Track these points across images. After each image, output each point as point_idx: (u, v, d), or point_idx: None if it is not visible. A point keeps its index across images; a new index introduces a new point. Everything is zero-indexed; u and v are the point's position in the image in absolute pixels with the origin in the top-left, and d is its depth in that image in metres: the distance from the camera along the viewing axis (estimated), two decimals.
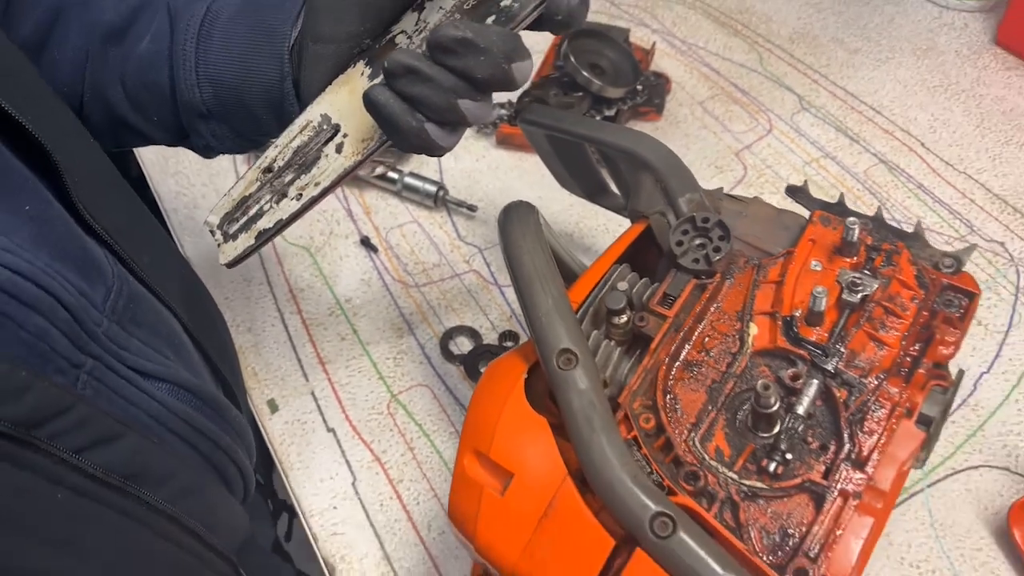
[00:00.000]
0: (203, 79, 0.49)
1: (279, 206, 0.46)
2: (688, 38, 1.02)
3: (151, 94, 0.51)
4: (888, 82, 0.96)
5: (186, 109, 0.50)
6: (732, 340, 0.51)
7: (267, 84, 0.48)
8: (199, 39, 0.48)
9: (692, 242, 0.52)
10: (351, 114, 0.46)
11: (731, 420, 0.49)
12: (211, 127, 0.51)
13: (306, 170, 0.46)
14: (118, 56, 0.51)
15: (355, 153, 0.45)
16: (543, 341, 0.49)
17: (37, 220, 0.44)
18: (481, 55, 0.40)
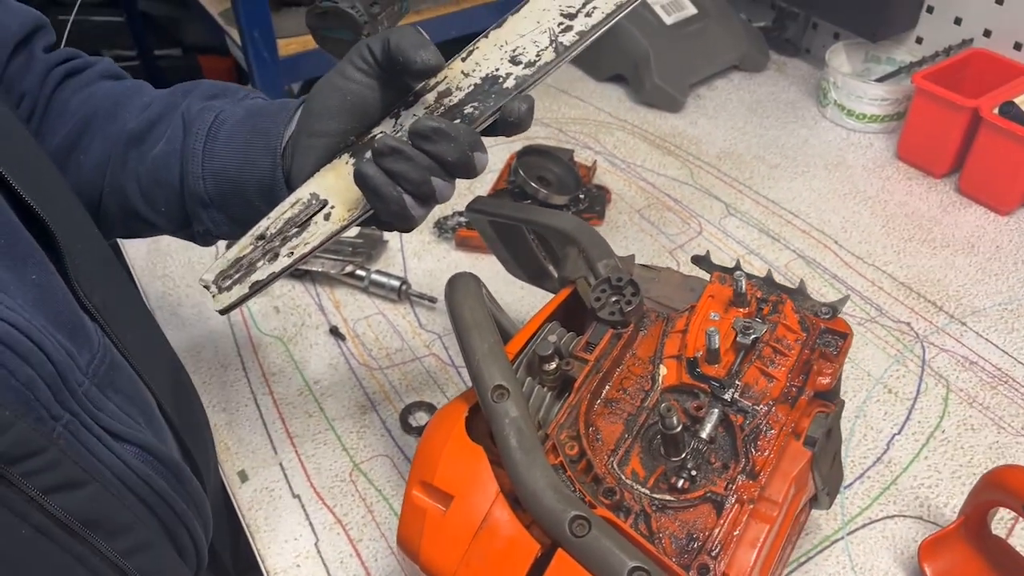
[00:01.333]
0: (207, 173, 0.59)
1: (272, 263, 0.54)
2: (627, 158, 1.15)
3: (162, 189, 0.61)
4: (804, 191, 1.08)
5: (191, 199, 0.60)
6: (645, 380, 0.59)
7: (261, 174, 0.57)
8: (207, 140, 0.58)
9: (609, 298, 0.61)
10: (337, 192, 0.55)
11: (646, 447, 0.56)
12: (211, 215, 0.60)
13: (297, 235, 0.55)
14: (136, 158, 0.61)
15: (341, 220, 0.54)
16: (479, 380, 0.56)
17: (40, 287, 0.51)
18: (451, 142, 0.51)
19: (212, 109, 0.60)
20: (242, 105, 0.60)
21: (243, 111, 0.60)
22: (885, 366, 0.84)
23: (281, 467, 0.77)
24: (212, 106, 0.60)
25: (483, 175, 1.12)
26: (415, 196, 0.52)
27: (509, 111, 0.52)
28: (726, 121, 1.22)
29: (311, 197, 0.55)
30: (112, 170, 0.62)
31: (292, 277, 0.96)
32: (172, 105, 0.61)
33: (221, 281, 0.55)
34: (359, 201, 0.54)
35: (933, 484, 0.74)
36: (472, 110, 0.54)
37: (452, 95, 0.55)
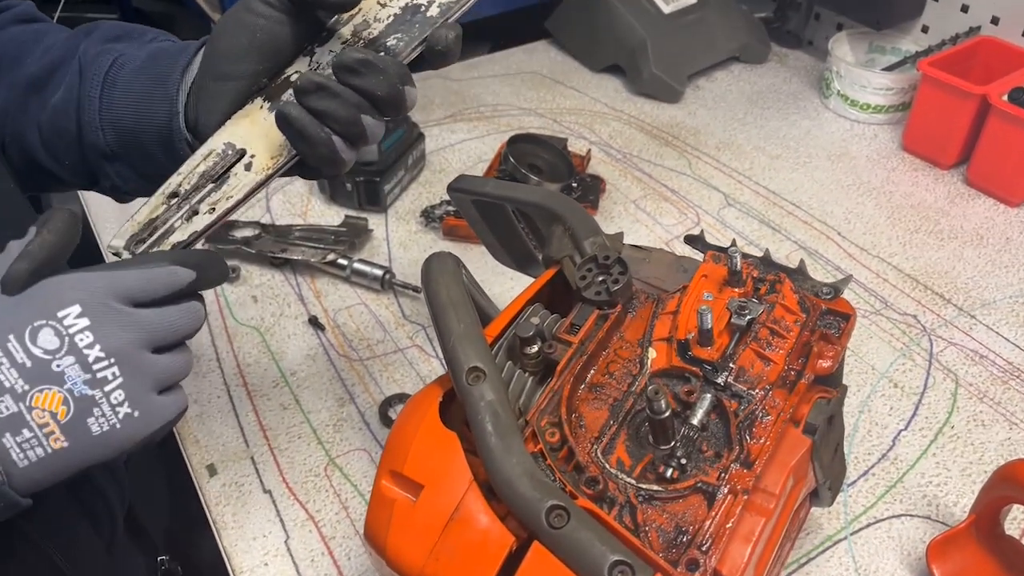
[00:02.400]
0: (105, 122, 0.55)
1: (192, 221, 0.50)
2: (623, 148, 1.11)
3: (62, 139, 0.57)
4: (806, 182, 1.04)
5: (91, 151, 0.56)
6: (633, 363, 0.55)
7: (159, 124, 0.54)
8: (103, 87, 0.55)
9: (595, 278, 0.57)
10: (256, 139, 0.51)
11: (633, 435, 0.52)
12: (115, 168, 0.57)
13: (216, 189, 0.51)
14: (36, 106, 0.57)
15: (265, 168, 0.50)
16: (454, 362, 0.52)
17: None
18: (380, 75, 0.47)
19: (111, 52, 0.56)
20: (145, 49, 0.56)
21: (145, 55, 0.56)
22: (891, 360, 0.80)
23: (252, 461, 0.73)
24: (111, 49, 0.56)
25: (473, 164, 1.08)
26: (344, 136, 0.49)
27: (436, 39, 0.49)
28: (726, 112, 1.19)
29: (226, 147, 0.51)
30: (13, 118, 0.58)
31: (271, 266, 0.92)
32: (72, 48, 0.57)
33: (134, 247, 0.50)
34: (283, 147, 0.50)
35: (942, 482, 0.70)
36: (396, 42, 0.50)
37: (370, 27, 0.51)
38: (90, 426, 0.42)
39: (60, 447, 0.41)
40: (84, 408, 0.41)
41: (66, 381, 0.41)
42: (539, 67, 1.30)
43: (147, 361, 0.43)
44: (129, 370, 0.42)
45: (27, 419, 0.40)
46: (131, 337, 0.42)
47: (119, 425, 0.42)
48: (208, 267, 0.47)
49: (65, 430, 0.41)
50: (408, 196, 1.03)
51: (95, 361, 0.41)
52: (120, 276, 0.43)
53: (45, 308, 0.41)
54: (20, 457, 0.40)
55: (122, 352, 0.42)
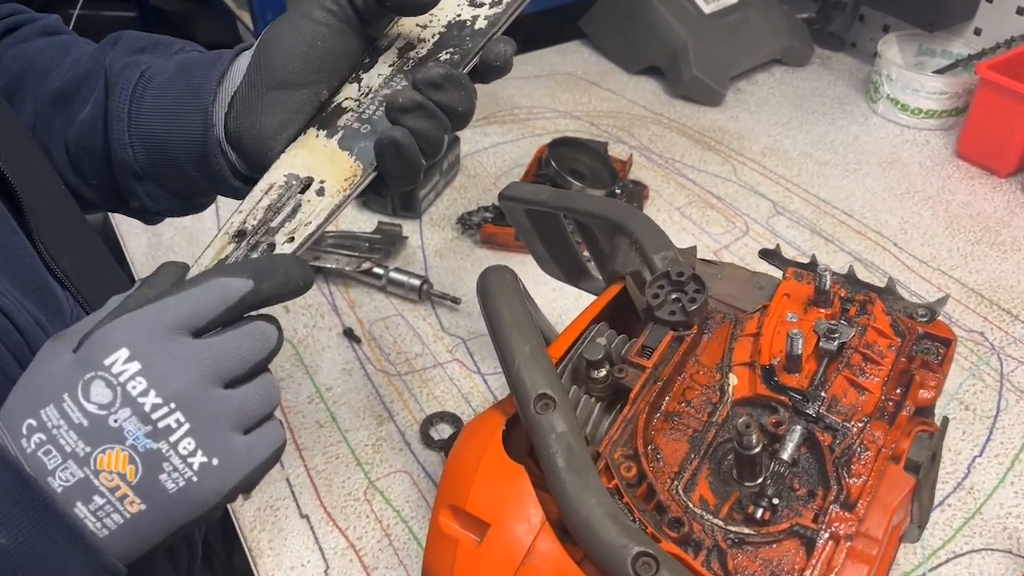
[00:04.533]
0: (135, 138, 0.51)
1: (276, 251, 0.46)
2: (665, 153, 1.07)
3: (89, 158, 0.53)
4: (857, 190, 1.00)
5: (121, 170, 0.52)
6: (712, 391, 0.51)
7: (192, 137, 0.50)
8: (131, 101, 0.51)
9: (668, 296, 0.53)
10: (320, 166, 0.47)
11: (715, 469, 0.47)
12: (146, 188, 0.53)
13: (289, 219, 0.47)
14: (62, 122, 0.54)
15: (341, 191, 0.46)
16: (520, 388, 0.48)
17: (2, 248, 0.45)
18: (462, 90, 0.44)
19: (137, 65, 0.52)
20: (173, 60, 0.52)
21: (174, 66, 0.52)
22: (960, 380, 0.76)
23: (288, 483, 0.69)
24: (137, 61, 0.52)
25: (508, 169, 1.04)
26: (427, 155, 0.46)
27: (493, 55, 0.47)
28: (769, 116, 1.14)
29: (288, 178, 0.47)
30: (40, 134, 0.54)
31: None
32: (99, 61, 0.53)
33: None
34: (355, 169, 0.47)
35: (1022, 512, 0.65)
36: (449, 57, 0.47)
37: (416, 48, 0.49)
38: (164, 484, 0.36)
39: (138, 511, 0.36)
40: (152, 464, 0.36)
41: (127, 437, 0.36)
42: (573, 68, 1.26)
43: (216, 399, 0.38)
44: (196, 413, 0.37)
45: (95, 484, 0.35)
46: (191, 375, 0.37)
47: (196, 478, 0.37)
48: (268, 273, 0.40)
49: (138, 491, 0.36)
50: (443, 202, 0.99)
51: (153, 409, 0.36)
52: (165, 305, 0.38)
53: (93, 358, 0.36)
54: (98, 527, 0.36)
55: (183, 394, 0.37)
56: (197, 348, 0.37)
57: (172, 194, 0.53)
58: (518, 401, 0.48)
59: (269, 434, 0.40)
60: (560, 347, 0.54)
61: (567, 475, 0.44)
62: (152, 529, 0.37)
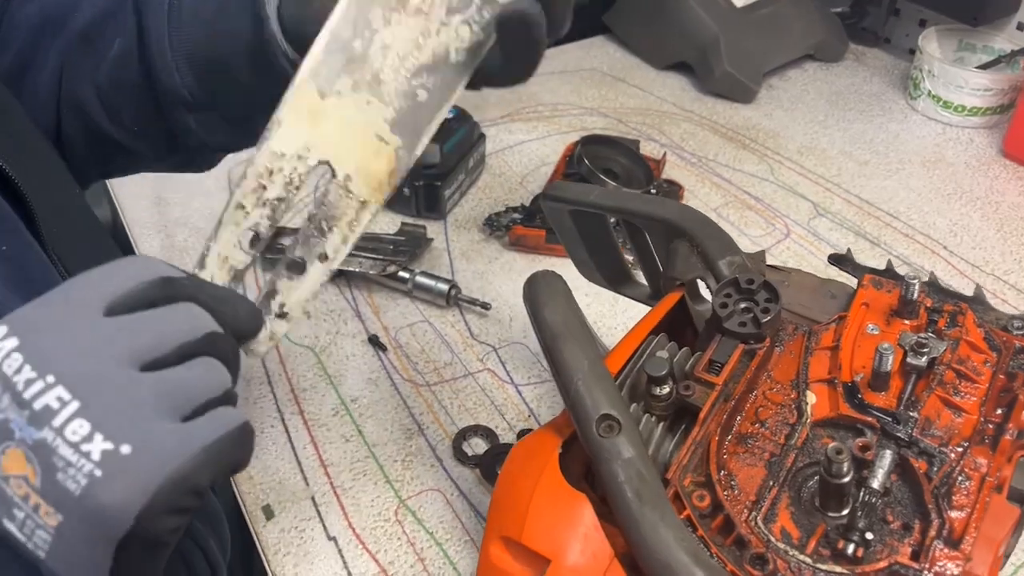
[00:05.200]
0: (179, 59, 0.44)
1: (304, 278, 0.38)
2: (697, 151, 1.03)
3: (128, 97, 0.47)
4: (901, 190, 0.96)
5: (168, 102, 0.46)
6: (788, 410, 0.46)
7: (242, 42, 0.43)
8: (169, 19, 0.45)
9: (737, 305, 0.48)
10: (333, 144, 0.38)
11: (795, 498, 0.43)
12: (198, 118, 0.47)
13: (317, 228, 0.40)
14: (91, 63, 0.48)
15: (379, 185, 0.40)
16: (580, 408, 0.43)
17: (13, 261, 0.40)
18: None
19: None
20: None
21: None
22: None
23: (313, 502, 0.64)
24: None
25: (535, 168, 1.00)
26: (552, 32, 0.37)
27: None
28: (804, 113, 1.10)
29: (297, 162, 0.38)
30: (68, 79, 0.49)
31: None
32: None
33: None
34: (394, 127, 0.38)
35: None
36: None
37: None
38: (64, 484, 0.28)
39: (57, 523, 0.28)
40: (44, 459, 0.28)
41: (13, 428, 0.28)
42: (598, 64, 1.22)
43: (127, 378, 0.30)
44: (90, 390, 0.29)
45: (8, 494, 0.28)
46: (87, 348, 0.29)
47: (100, 472, 0.28)
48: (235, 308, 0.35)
49: (46, 496, 0.28)
50: (467, 202, 0.95)
51: (26, 386, 0.28)
52: (72, 281, 0.32)
53: None
54: (33, 547, 0.29)
55: (70, 368, 0.29)
56: (102, 324, 0.30)
57: (230, 121, 0.47)
58: (577, 422, 0.44)
59: (214, 419, 0.32)
60: (616, 361, 0.49)
61: (638, 507, 0.40)
62: (88, 550, 0.28)
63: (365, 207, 0.38)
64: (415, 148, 0.39)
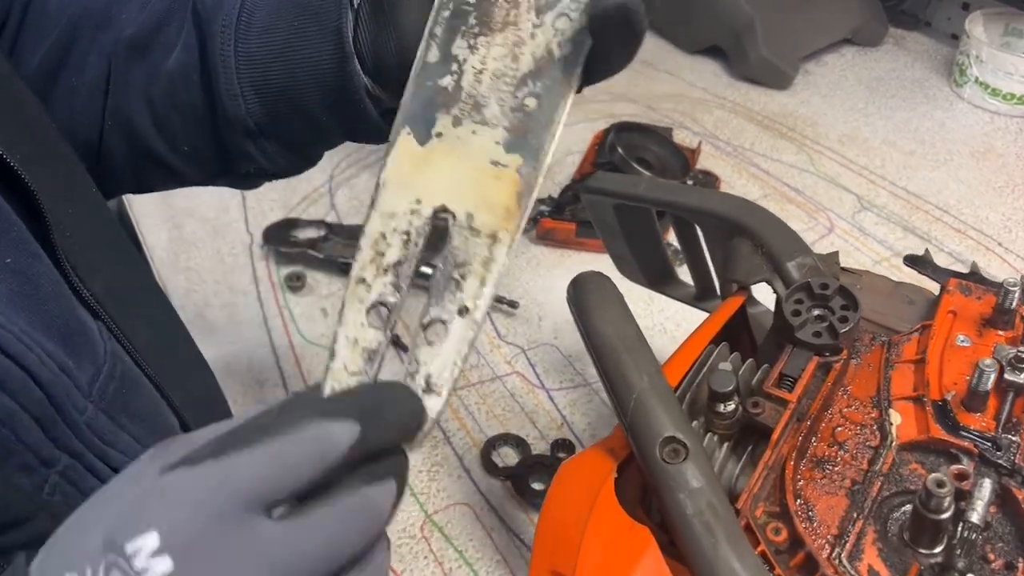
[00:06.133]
0: (246, 85, 0.41)
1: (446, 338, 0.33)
2: (733, 140, 0.97)
3: (183, 117, 0.43)
4: (950, 182, 0.90)
5: (229, 127, 0.42)
6: (870, 431, 0.41)
7: (321, 73, 0.39)
8: (236, 41, 0.40)
9: (810, 313, 0.44)
10: (445, 186, 0.34)
11: (882, 531, 0.38)
12: (260, 146, 0.43)
13: (450, 280, 0.34)
14: (142, 75, 0.44)
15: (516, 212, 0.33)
16: (641, 428, 0.39)
17: (19, 275, 0.36)
18: None
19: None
20: None
21: None
22: None
23: None
24: None
25: (562, 157, 0.94)
26: None
27: None
28: (843, 100, 1.04)
29: (412, 213, 0.34)
30: (114, 93, 0.44)
31: (341, 272, 0.79)
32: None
33: None
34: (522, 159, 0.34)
35: None
36: None
37: None
38: None
39: None
40: None
41: None
42: None
43: None
44: None
45: None
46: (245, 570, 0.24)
47: None
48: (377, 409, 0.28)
49: None
50: None
51: None
52: (233, 464, 0.25)
53: (121, 532, 0.24)
54: None
55: None
56: (266, 541, 0.25)
57: (292, 148, 0.43)
58: (637, 444, 0.39)
59: None
60: (674, 374, 0.44)
61: (711, 545, 0.35)
62: None
63: (497, 241, 0.34)
64: (540, 161, 0.34)
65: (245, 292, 0.77)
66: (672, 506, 0.37)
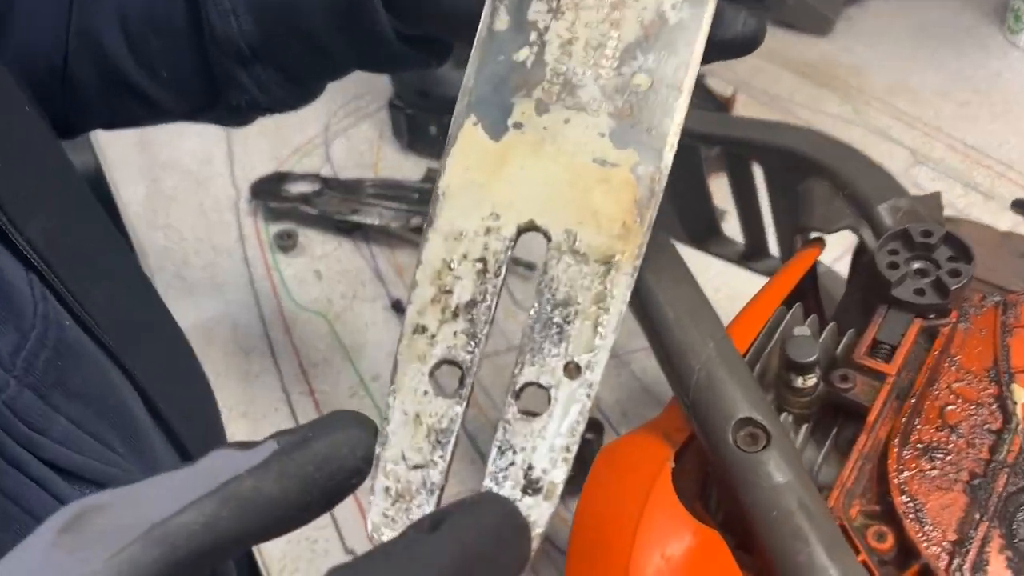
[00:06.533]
0: (239, 2, 0.35)
1: (556, 406, 0.24)
2: (770, 89, 0.89)
3: (162, 38, 0.37)
4: (1012, 136, 0.82)
5: (219, 51, 0.37)
6: (988, 411, 0.33)
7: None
8: None
9: (909, 266, 0.35)
10: (532, 195, 0.26)
11: (1008, 536, 0.31)
12: (254, 73, 0.37)
13: (558, 314, 0.25)
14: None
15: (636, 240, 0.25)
16: (708, 408, 0.31)
17: None
18: None
19: None
20: None
21: None
22: None
23: None
24: None
25: None
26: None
27: None
28: (889, 48, 0.95)
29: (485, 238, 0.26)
30: (80, 11, 0.38)
31: (338, 231, 0.72)
32: None
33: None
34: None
35: None
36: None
37: None
38: None
39: None
40: None
41: None
42: None
43: None
44: None
45: None
46: None
47: None
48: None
49: None
50: None
51: None
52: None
53: None
54: None
55: None
56: None
57: (291, 77, 0.38)
58: (702, 427, 0.31)
59: None
60: (738, 341, 0.36)
61: (804, 555, 0.27)
62: None
63: (614, 267, 0.25)
64: (663, 157, 0.26)
65: (230, 251, 0.70)
66: (751, 505, 0.29)
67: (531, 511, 0.23)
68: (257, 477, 0.20)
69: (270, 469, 0.20)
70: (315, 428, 0.21)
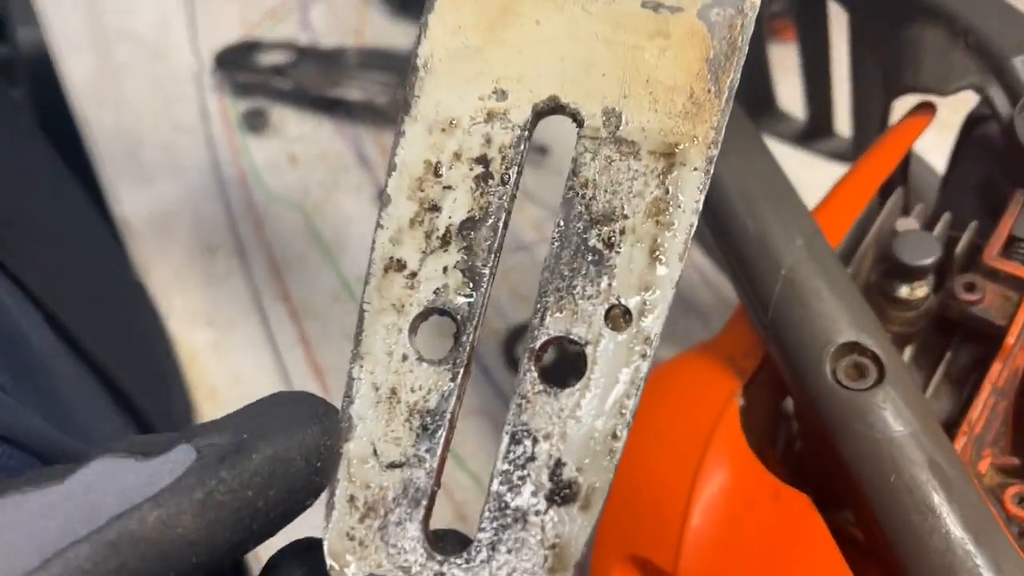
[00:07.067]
0: None
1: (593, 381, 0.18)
2: None
3: None
4: None
5: None
6: None
7: None
8: None
9: None
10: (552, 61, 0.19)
11: None
12: None
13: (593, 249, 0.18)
14: None
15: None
16: (796, 326, 0.23)
17: None
18: None
19: None
20: None
21: None
22: None
23: None
24: None
25: None
26: None
27: None
28: None
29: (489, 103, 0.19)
30: None
31: (316, 108, 0.63)
32: None
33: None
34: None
35: None
36: None
37: None
38: None
39: None
40: None
41: None
42: None
43: None
44: None
45: None
46: None
47: None
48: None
49: None
50: None
51: None
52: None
53: None
54: None
55: None
56: None
57: None
58: (785, 352, 0.24)
59: None
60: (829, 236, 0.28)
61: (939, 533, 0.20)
62: None
63: (679, 160, 0.18)
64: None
65: (191, 131, 0.62)
66: (855, 460, 0.22)
67: (560, 528, 0.16)
68: (166, 507, 0.14)
69: (185, 495, 0.14)
70: (251, 423, 0.14)
